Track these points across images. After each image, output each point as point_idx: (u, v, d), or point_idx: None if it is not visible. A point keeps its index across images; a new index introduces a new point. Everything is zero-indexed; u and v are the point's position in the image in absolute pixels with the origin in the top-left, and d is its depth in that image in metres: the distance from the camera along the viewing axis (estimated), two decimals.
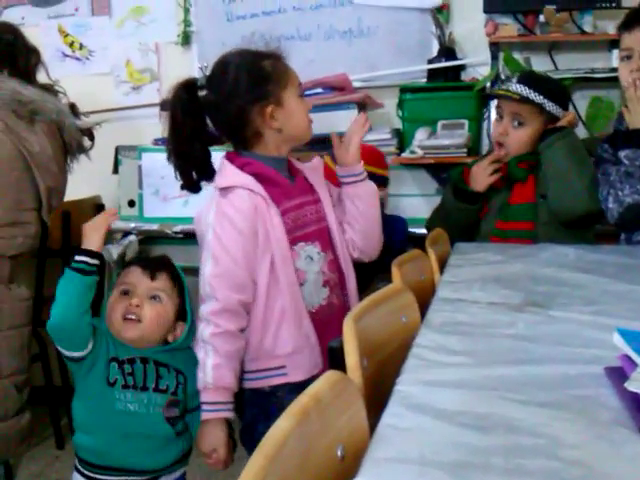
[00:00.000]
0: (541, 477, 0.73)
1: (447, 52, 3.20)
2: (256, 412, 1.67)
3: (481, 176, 2.36)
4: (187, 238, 2.97)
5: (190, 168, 1.74)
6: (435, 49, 3.25)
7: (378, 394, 1.07)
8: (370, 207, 1.83)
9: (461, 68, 3.24)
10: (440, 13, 3.24)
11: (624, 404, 0.90)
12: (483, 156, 2.54)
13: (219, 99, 1.70)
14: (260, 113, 1.68)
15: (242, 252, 1.64)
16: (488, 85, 3.03)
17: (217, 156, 1.79)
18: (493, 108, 2.83)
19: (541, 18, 2.98)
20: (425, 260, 1.93)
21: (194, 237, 2.89)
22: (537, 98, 2.26)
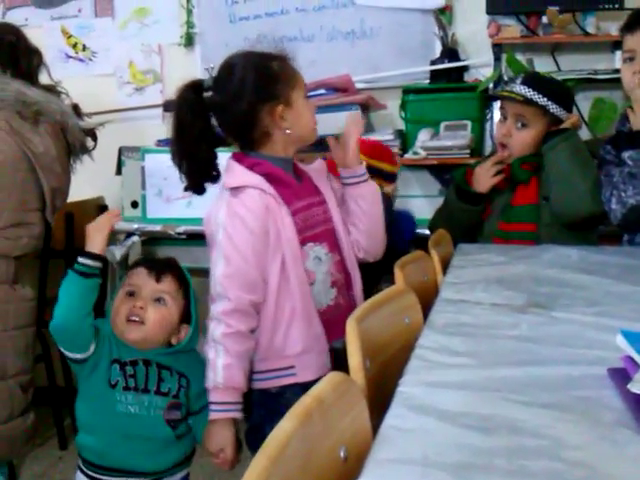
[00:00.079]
0: (544, 478, 0.74)
1: (450, 53, 3.20)
2: (264, 413, 1.67)
3: (484, 177, 2.36)
4: (190, 239, 2.97)
5: (196, 169, 1.74)
6: (438, 50, 3.25)
7: (381, 395, 1.07)
8: (373, 207, 1.84)
9: (464, 69, 3.24)
10: (443, 14, 3.24)
11: (627, 405, 0.90)
12: (486, 157, 2.54)
13: (227, 99, 1.69)
14: (270, 113, 1.68)
15: (253, 251, 1.64)
16: (491, 86, 3.02)
17: (222, 157, 1.79)
18: (496, 109, 2.83)
19: (544, 19, 2.97)
20: (428, 261, 1.93)
21: (197, 238, 2.92)
22: (541, 100, 2.25)
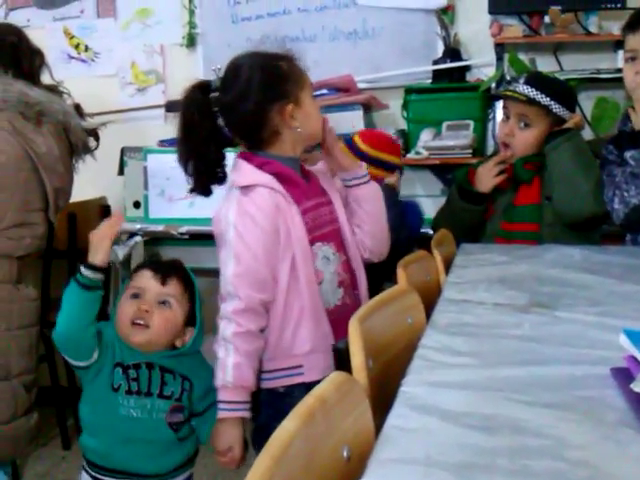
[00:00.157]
0: (547, 478, 0.74)
1: (452, 53, 3.20)
2: (271, 413, 1.67)
3: (486, 177, 2.36)
4: (193, 239, 2.97)
5: (204, 170, 1.73)
6: (440, 50, 3.25)
7: (383, 395, 1.07)
8: (376, 207, 1.84)
9: (466, 69, 3.24)
10: (445, 14, 3.24)
11: (630, 405, 0.90)
12: (488, 157, 2.54)
13: (235, 99, 1.68)
14: (280, 112, 1.68)
15: (264, 250, 1.64)
16: (493, 86, 3.02)
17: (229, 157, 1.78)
18: (498, 109, 2.83)
19: (546, 19, 2.98)
20: (430, 261, 1.93)
21: (200, 238, 2.93)
22: (544, 100, 2.25)
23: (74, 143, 2.38)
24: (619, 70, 2.57)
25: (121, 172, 3.20)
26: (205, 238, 2.80)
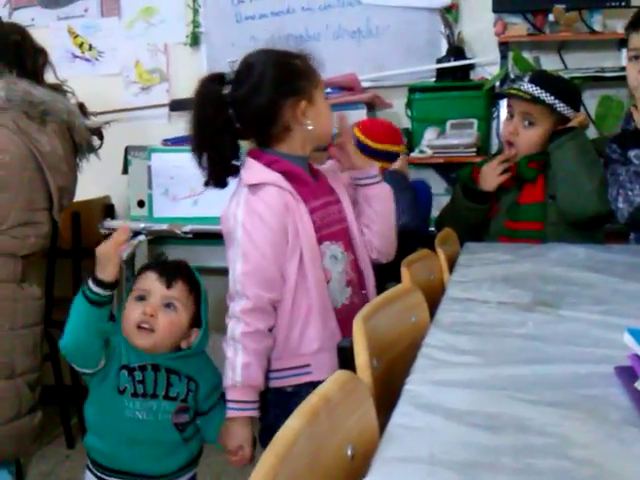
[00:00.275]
0: (551, 477, 0.73)
1: (456, 52, 3.20)
2: (279, 412, 1.66)
3: (491, 176, 2.36)
4: (196, 238, 2.98)
5: (219, 161, 1.71)
6: (444, 49, 3.25)
7: (388, 394, 1.08)
8: (386, 208, 1.84)
9: (470, 68, 3.24)
10: (449, 13, 3.24)
11: (634, 404, 0.90)
12: (493, 155, 2.54)
13: (249, 93, 1.68)
14: (292, 108, 1.67)
15: (272, 248, 1.63)
16: (497, 84, 3.02)
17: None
18: (502, 107, 2.83)
19: (550, 17, 2.97)
20: (434, 260, 1.93)
21: (203, 237, 2.93)
22: (548, 98, 2.25)
23: (78, 142, 2.38)
24: (623, 68, 2.57)
25: (125, 171, 3.20)
26: (209, 237, 2.81)
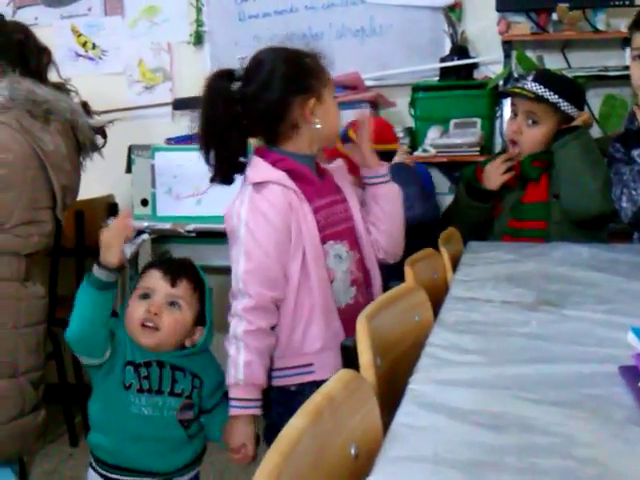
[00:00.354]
0: (555, 476, 0.73)
1: (459, 50, 3.20)
2: (282, 411, 1.67)
3: (494, 174, 2.36)
4: (200, 237, 2.98)
5: (227, 157, 1.71)
6: (447, 47, 3.25)
7: (391, 393, 1.08)
8: (394, 208, 1.83)
9: (474, 66, 3.24)
10: (452, 11, 3.24)
11: (638, 403, 0.90)
12: (496, 154, 2.54)
13: (258, 89, 1.67)
14: (301, 106, 1.67)
15: (275, 247, 1.63)
16: (501, 83, 3.02)
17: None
18: (506, 106, 2.82)
19: (554, 16, 2.97)
20: (438, 259, 1.93)
21: (207, 236, 2.93)
22: (552, 97, 2.25)
23: (81, 141, 2.38)
24: (627, 67, 2.56)
25: (129, 170, 3.20)
26: (212, 236, 2.81)
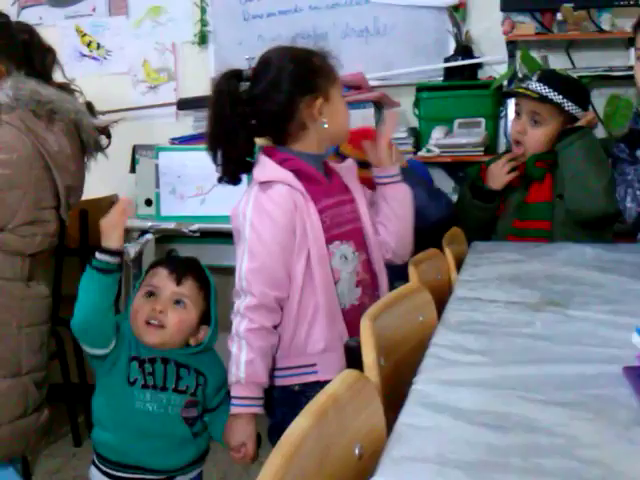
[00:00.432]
0: (560, 477, 0.73)
1: (464, 50, 3.20)
2: (286, 411, 1.66)
3: (498, 174, 2.35)
4: (204, 237, 2.98)
5: (234, 157, 1.71)
6: (452, 47, 3.25)
7: (395, 393, 1.07)
8: (405, 208, 1.83)
9: (478, 66, 3.24)
10: (457, 11, 3.23)
11: None
12: (500, 154, 2.54)
13: (266, 89, 1.68)
14: (309, 105, 1.67)
15: (280, 247, 1.63)
16: (505, 83, 3.01)
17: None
18: (510, 106, 2.82)
19: (559, 16, 2.96)
20: (442, 259, 1.93)
21: (211, 235, 2.93)
22: (556, 98, 2.24)
23: (86, 141, 2.38)
24: (632, 67, 2.56)
25: (133, 170, 3.21)
26: (216, 236, 2.81)
